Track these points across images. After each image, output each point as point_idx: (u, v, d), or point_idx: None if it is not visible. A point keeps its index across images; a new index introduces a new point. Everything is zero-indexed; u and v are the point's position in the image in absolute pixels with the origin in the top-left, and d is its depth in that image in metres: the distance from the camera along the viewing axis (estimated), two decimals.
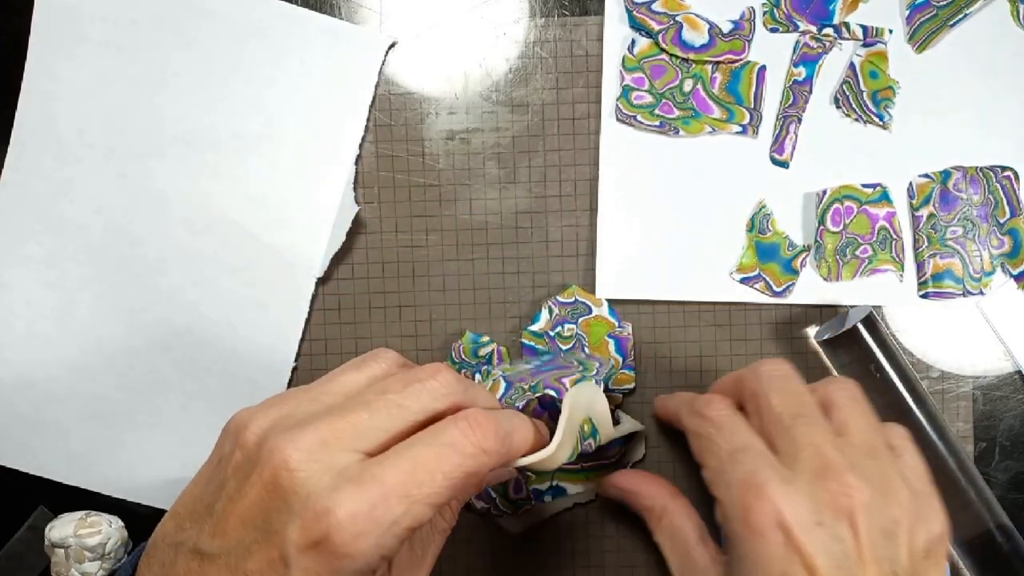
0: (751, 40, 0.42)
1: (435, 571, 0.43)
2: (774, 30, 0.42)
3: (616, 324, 0.42)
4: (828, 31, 0.42)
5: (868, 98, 0.42)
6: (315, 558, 0.26)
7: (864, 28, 0.42)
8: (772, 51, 0.42)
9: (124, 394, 0.44)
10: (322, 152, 0.43)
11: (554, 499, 0.42)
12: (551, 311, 0.42)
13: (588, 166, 0.43)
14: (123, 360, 0.44)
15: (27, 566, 0.44)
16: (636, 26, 0.42)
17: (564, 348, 0.42)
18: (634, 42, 0.42)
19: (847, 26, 0.42)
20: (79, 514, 0.42)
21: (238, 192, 0.43)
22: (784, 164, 0.42)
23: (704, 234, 0.42)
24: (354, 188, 0.43)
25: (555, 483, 0.42)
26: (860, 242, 0.42)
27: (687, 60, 0.42)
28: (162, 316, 0.43)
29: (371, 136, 0.43)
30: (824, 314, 0.43)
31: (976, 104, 0.42)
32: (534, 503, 0.42)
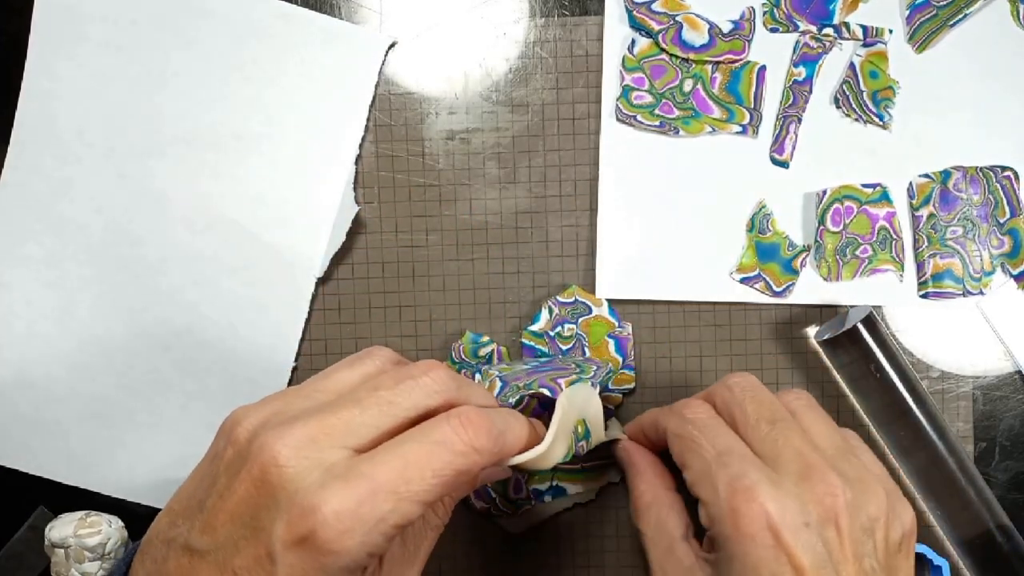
0: (751, 40, 0.42)
1: (435, 571, 0.44)
2: (774, 30, 0.42)
3: (616, 324, 0.42)
4: (828, 31, 0.42)
5: (868, 98, 0.42)
6: (301, 555, 0.26)
7: (864, 28, 0.42)
8: (772, 51, 0.42)
9: (124, 394, 0.44)
10: (322, 152, 0.43)
11: (554, 499, 0.42)
12: (551, 311, 0.42)
13: (588, 166, 0.43)
14: (123, 360, 0.44)
15: (27, 566, 0.44)
16: (636, 26, 0.42)
17: (564, 348, 0.42)
18: (634, 42, 0.42)
19: (847, 26, 0.42)
20: (79, 514, 0.42)
21: (238, 192, 0.43)
22: (784, 164, 0.42)
23: (704, 234, 0.42)
24: (354, 188, 0.43)
25: (555, 483, 0.42)
26: (860, 242, 0.42)
27: (687, 60, 0.42)
28: (162, 316, 0.43)
29: (371, 136, 0.43)
30: (824, 314, 0.43)
31: (976, 104, 0.42)
32: (534, 503, 0.42)
